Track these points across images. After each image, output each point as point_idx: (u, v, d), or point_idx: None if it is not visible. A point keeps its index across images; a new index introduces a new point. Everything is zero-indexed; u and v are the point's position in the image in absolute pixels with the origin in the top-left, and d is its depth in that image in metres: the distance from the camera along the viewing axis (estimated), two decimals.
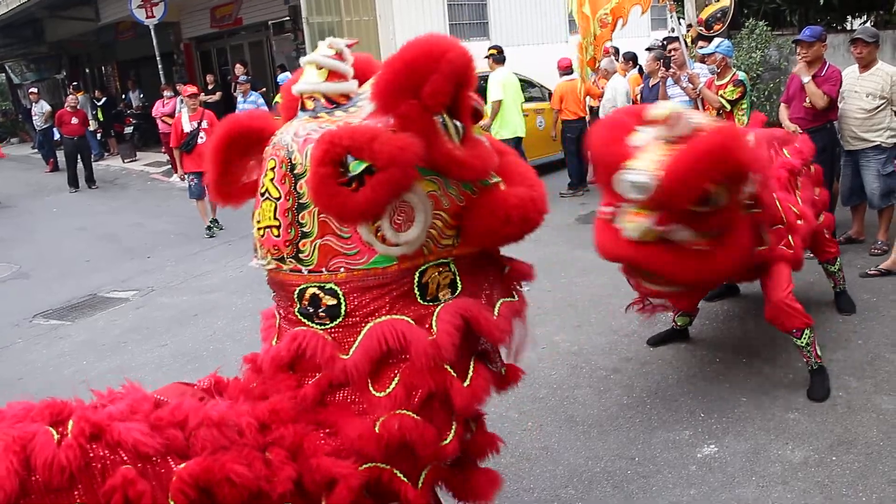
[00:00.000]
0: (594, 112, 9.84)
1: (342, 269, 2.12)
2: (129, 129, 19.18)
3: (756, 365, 4.47)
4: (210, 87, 15.37)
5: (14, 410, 1.87)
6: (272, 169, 2.18)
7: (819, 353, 4.11)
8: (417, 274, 2.17)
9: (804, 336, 4.02)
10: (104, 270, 8.42)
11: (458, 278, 2.26)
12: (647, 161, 3.23)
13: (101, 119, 19.11)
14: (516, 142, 9.21)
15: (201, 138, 9.26)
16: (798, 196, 4.39)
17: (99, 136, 19.29)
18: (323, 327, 2.16)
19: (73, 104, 14.96)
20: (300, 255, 2.14)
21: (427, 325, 2.15)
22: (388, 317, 2.14)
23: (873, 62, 5.86)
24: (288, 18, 15.82)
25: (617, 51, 10.26)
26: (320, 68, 2.19)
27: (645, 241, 3.37)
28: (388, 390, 2.12)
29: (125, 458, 1.81)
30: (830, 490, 3.29)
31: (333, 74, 2.18)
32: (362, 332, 2.13)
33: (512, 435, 3.94)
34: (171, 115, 13.97)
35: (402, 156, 1.91)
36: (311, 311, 2.17)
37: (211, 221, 9.59)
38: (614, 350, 4.88)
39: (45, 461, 1.71)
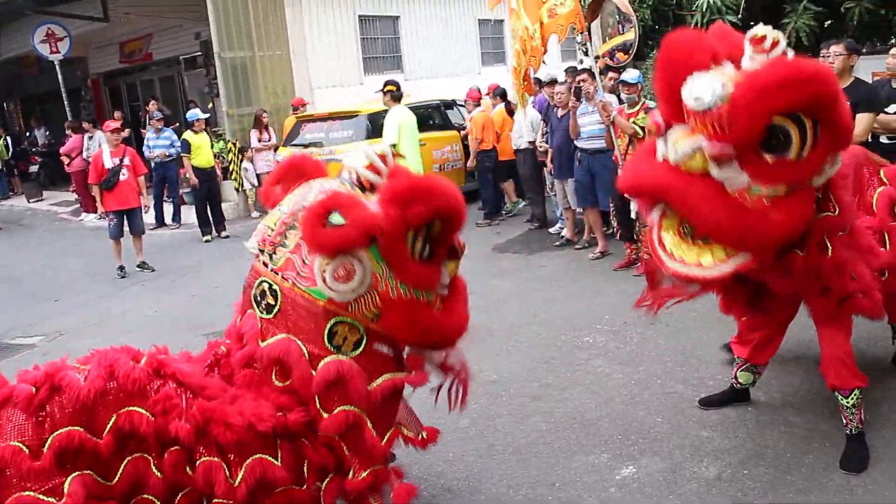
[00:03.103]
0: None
1: (290, 281, 2.82)
2: (34, 168, 18.51)
3: (670, 385, 4.58)
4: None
5: (106, 350, 2.83)
6: (294, 195, 3.00)
7: (863, 418, 3.67)
8: (334, 320, 2.79)
9: (851, 396, 3.58)
10: (8, 315, 8.03)
11: (363, 342, 2.85)
12: (723, 74, 2.87)
13: (6, 157, 18.40)
14: None
15: (123, 175, 8.99)
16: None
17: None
18: (260, 315, 2.88)
19: None
20: (273, 256, 2.89)
21: (315, 364, 2.78)
22: (296, 340, 2.80)
23: None
24: (199, 54, 15.67)
25: (540, 81, 10.44)
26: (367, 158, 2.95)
27: (687, 167, 2.92)
28: (285, 383, 2.86)
29: (172, 385, 2.75)
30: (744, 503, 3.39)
31: (372, 166, 2.91)
32: (277, 336, 2.82)
33: (434, 467, 3.93)
34: (69, 155, 13.58)
35: (363, 224, 2.65)
36: (259, 300, 2.90)
37: (139, 263, 9.33)
38: (533, 377, 4.93)
39: (125, 374, 2.67)
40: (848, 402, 3.59)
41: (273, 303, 2.84)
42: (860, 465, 3.56)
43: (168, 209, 12.58)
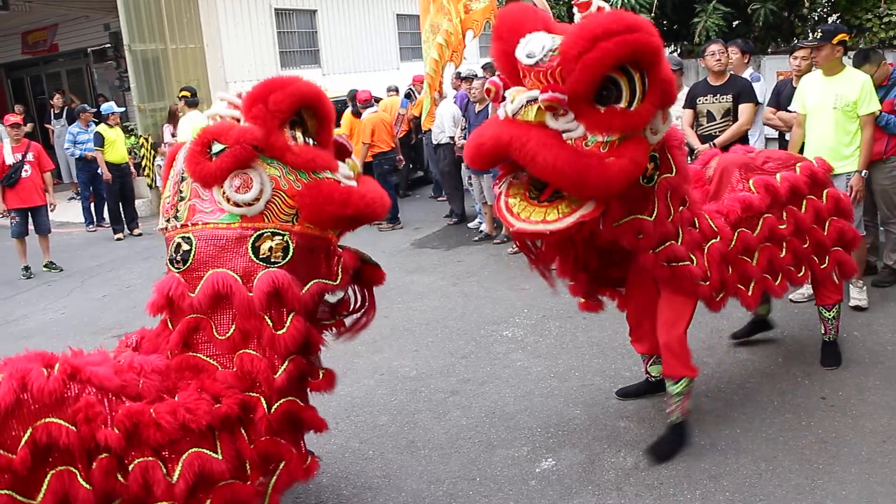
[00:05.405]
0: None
1: (199, 223, 2.80)
2: None
3: (588, 378, 4.64)
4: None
5: (17, 357, 2.64)
6: (175, 164, 2.99)
7: (688, 407, 3.81)
8: (255, 235, 2.79)
9: (679, 385, 3.72)
10: None
11: (290, 247, 2.83)
12: (554, 34, 2.95)
13: None
14: None
15: (26, 171, 8.60)
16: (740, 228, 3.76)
17: None
18: (178, 271, 2.81)
19: None
20: (177, 214, 2.86)
21: (250, 284, 2.75)
22: (223, 269, 2.75)
23: (680, 87, 6.31)
24: (109, 45, 15.11)
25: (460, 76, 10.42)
26: (222, 100, 2.96)
27: (524, 119, 2.95)
28: (227, 334, 2.79)
29: (91, 390, 2.59)
30: (660, 491, 3.46)
31: (231, 104, 2.91)
32: (204, 277, 2.75)
33: (353, 465, 3.88)
34: None
35: (243, 137, 2.71)
36: (174, 257, 2.83)
37: (46, 263, 8.94)
38: (452, 372, 4.93)
39: (38, 388, 2.49)
40: (675, 390, 3.73)
41: (188, 248, 2.80)
42: (665, 456, 3.72)
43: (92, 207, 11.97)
